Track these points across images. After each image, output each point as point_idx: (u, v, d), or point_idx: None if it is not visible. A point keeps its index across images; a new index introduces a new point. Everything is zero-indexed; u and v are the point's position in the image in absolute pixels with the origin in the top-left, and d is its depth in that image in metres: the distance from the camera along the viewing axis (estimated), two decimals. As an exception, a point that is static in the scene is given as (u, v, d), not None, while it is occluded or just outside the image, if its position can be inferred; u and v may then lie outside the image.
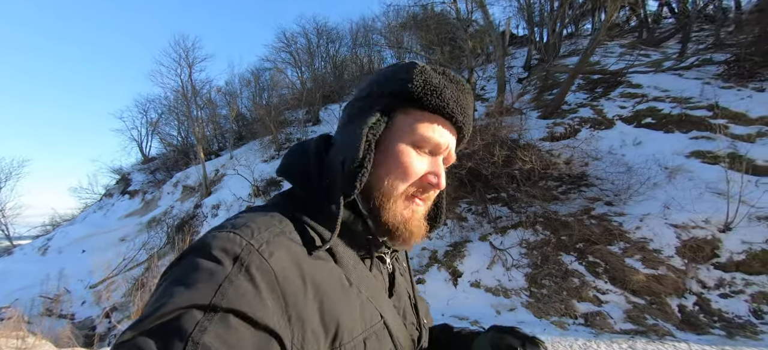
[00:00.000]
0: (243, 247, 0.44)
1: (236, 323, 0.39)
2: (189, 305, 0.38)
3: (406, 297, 0.68)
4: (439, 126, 0.57)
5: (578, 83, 9.33)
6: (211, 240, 0.45)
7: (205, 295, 0.39)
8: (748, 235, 4.39)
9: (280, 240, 0.48)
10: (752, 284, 4.12)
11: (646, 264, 4.42)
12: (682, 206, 4.93)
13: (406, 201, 0.58)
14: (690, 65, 8.31)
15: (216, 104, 18.10)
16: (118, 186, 17.27)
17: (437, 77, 0.57)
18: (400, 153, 0.56)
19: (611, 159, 6.34)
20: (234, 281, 0.41)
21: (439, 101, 0.55)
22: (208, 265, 0.42)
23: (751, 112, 6.17)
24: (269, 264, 0.44)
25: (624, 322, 4.09)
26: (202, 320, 0.38)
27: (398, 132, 0.57)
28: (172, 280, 0.42)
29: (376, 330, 0.54)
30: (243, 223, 0.48)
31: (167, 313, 0.37)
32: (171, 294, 0.39)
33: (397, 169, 0.56)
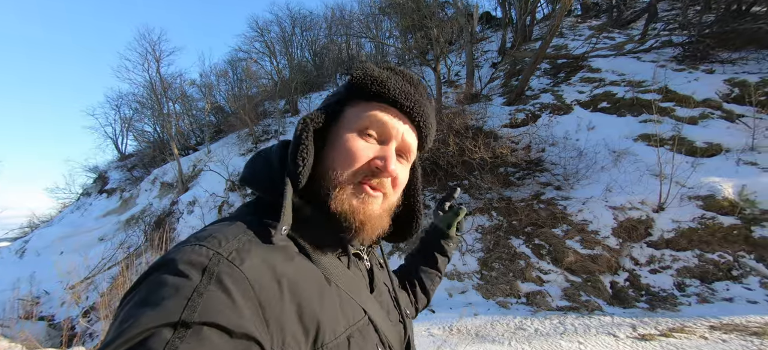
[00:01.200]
0: (210, 257, 0.43)
1: (212, 335, 0.37)
2: (156, 325, 0.36)
3: (387, 292, 0.68)
4: (384, 113, 0.58)
5: (544, 68, 9.49)
6: (175, 255, 0.43)
7: (173, 312, 0.37)
8: (678, 214, 4.70)
9: (250, 246, 0.47)
10: (678, 260, 4.44)
11: (584, 244, 4.70)
12: (623, 188, 5.21)
13: (355, 189, 0.57)
14: (649, 48, 8.52)
15: (192, 98, 17.82)
16: (96, 185, 17.01)
17: (378, 70, 0.59)
18: (345, 140, 0.57)
19: (566, 144, 6.57)
20: (204, 292, 0.39)
21: (380, 88, 0.57)
22: (173, 280, 0.40)
23: (696, 95, 6.43)
24: (241, 271, 0.43)
25: (561, 300, 4.39)
26: (172, 339, 0.36)
27: (345, 122, 0.59)
28: (136, 302, 0.40)
29: (359, 326, 0.54)
30: (208, 235, 0.47)
31: (132, 337, 0.35)
32: (135, 316, 0.37)
33: (341, 155, 0.57)
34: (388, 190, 0.60)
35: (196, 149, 16.62)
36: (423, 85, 0.63)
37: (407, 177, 0.65)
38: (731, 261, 4.25)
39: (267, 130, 15.33)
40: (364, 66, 0.59)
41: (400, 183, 0.62)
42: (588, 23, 12.87)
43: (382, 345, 0.57)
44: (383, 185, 0.59)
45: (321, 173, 0.57)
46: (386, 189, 0.59)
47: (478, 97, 9.13)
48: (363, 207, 0.56)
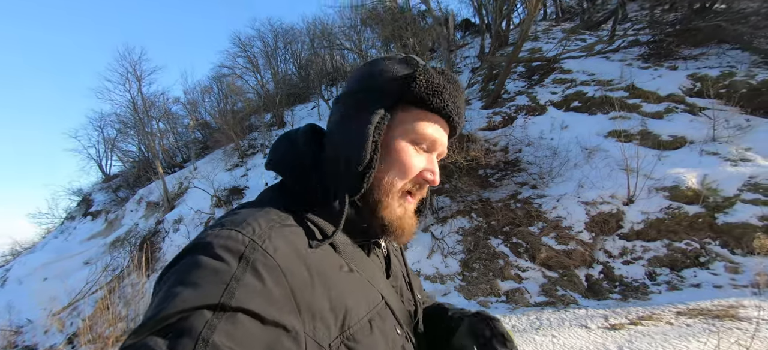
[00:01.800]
0: (247, 245, 0.44)
1: (245, 321, 0.39)
2: (198, 305, 0.38)
3: (401, 277, 0.70)
4: (438, 125, 0.59)
5: (520, 71, 9.76)
6: (213, 238, 0.44)
7: (213, 295, 0.39)
8: (646, 206, 4.88)
9: (281, 234, 0.48)
10: (649, 250, 4.61)
11: (559, 240, 4.84)
12: (594, 184, 5.39)
13: (401, 198, 0.59)
14: (617, 48, 8.86)
15: (177, 115, 17.73)
16: (80, 208, 16.69)
17: (438, 77, 0.58)
18: (401, 150, 0.57)
19: (540, 144, 6.76)
20: (241, 279, 0.41)
21: (440, 102, 0.57)
22: (213, 264, 0.41)
23: (661, 91, 6.72)
24: (274, 259, 0.45)
25: (538, 295, 4.50)
26: (212, 319, 0.37)
27: (398, 129, 0.57)
28: (176, 280, 0.41)
29: (378, 310, 0.56)
30: (242, 220, 0.48)
31: (175, 314, 0.37)
32: (177, 295, 0.39)
33: (396, 166, 0.57)
34: (423, 194, 0.63)
35: (182, 166, 16.48)
36: (462, 86, 0.64)
37: None
38: (698, 248, 4.42)
39: (253, 144, 15.33)
40: (427, 74, 0.57)
41: None
42: (561, 26, 13.30)
43: (399, 326, 0.59)
44: (423, 193, 0.62)
45: (372, 179, 0.56)
46: (423, 194, 0.63)
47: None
48: (405, 214, 0.60)
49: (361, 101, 0.58)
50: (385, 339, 0.54)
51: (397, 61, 0.61)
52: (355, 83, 0.61)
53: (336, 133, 0.60)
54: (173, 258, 0.45)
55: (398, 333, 0.58)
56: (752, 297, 3.62)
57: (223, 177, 12.33)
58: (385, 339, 0.54)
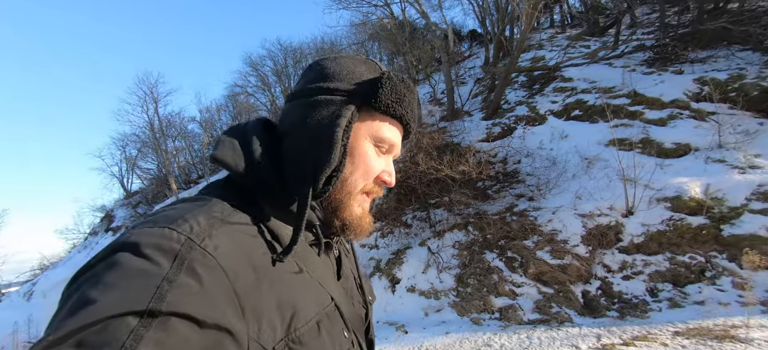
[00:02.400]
0: (182, 243, 0.40)
1: (179, 326, 0.35)
2: (121, 312, 0.33)
3: (352, 278, 0.69)
4: (395, 128, 0.61)
5: (521, 80, 9.66)
6: (141, 237, 0.40)
7: (139, 299, 0.34)
8: (647, 218, 4.67)
9: (224, 231, 0.44)
10: (650, 264, 4.39)
11: (554, 254, 4.69)
12: (592, 195, 5.22)
13: (361, 198, 0.60)
14: (621, 53, 8.65)
15: (193, 133, 18.48)
16: (102, 224, 17.46)
17: (400, 85, 0.59)
18: (364, 153, 0.58)
19: (539, 154, 6.63)
20: (174, 281, 0.37)
21: (402, 110, 0.59)
22: (139, 264, 0.37)
23: (664, 96, 6.48)
24: (215, 258, 0.41)
25: (532, 312, 4.35)
26: (137, 327, 0.33)
27: (362, 132, 0.58)
28: (93, 283, 0.36)
29: (328, 312, 0.54)
30: (178, 216, 0.43)
31: (93, 322, 0.32)
32: (93, 301, 0.34)
33: (361, 168, 0.58)
34: (379, 194, 0.63)
35: (198, 182, 17.09)
36: (417, 91, 0.73)
37: None
38: (703, 262, 4.18)
39: (263, 159, 15.75)
40: (392, 81, 0.58)
41: None
42: (567, 33, 13.12)
43: (347, 329, 0.57)
44: (380, 192, 0.62)
45: (332, 175, 0.56)
46: (379, 194, 0.63)
47: (459, 114, 9.30)
48: (363, 214, 0.60)
49: (324, 101, 0.57)
50: (333, 343, 0.52)
51: (362, 62, 0.61)
52: (316, 81, 0.59)
53: (298, 131, 0.57)
54: (89, 260, 0.39)
55: (345, 336, 0.56)
56: (761, 316, 3.37)
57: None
58: (333, 343, 0.52)
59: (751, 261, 3.20)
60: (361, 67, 0.60)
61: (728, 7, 8.81)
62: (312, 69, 0.61)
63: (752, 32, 6.77)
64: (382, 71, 0.60)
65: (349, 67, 0.59)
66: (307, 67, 0.63)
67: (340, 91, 0.57)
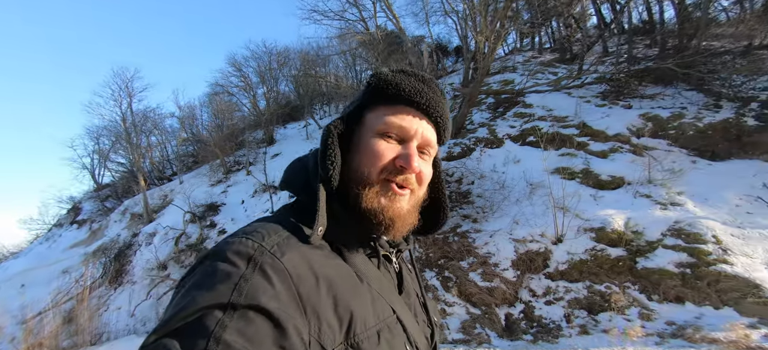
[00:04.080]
0: (255, 249, 0.48)
1: (255, 317, 0.41)
2: (210, 305, 0.41)
3: (415, 296, 0.71)
4: (403, 114, 0.62)
5: (489, 102, 9.97)
6: (225, 246, 0.49)
7: (223, 295, 0.42)
8: (573, 247, 4.92)
9: (289, 242, 0.52)
10: (570, 291, 4.62)
11: (484, 277, 4.88)
12: (528, 221, 5.45)
13: (382, 187, 0.61)
14: (581, 84, 9.04)
15: (172, 129, 18.26)
16: (68, 216, 17.03)
17: (392, 74, 0.63)
18: (369, 142, 0.61)
19: (492, 177, 6.87)
20: (249, 279, 0.44)
21: (396, 90, 0.61)
22: (224, 268, 0.45)
23: (609, 130, 6.83)
24: (282, 262, 0.48)
25: (457, 332, 4.51)
26: (223, 318, 0.40)
27: (367, 127, 0.63)
28: (192, 285, 0.45)
29: (388, 323, 0.56)
30: (253, 230, 0.52)
31: (190, 314, 0.40)
32: (192, 297, 0.42)
33: (366, 156, 0.61)
34: (415, 187, 0.63)
35: (171, 179, 16.86)
36: (435, 82, 0.67)
37: (431, 172, 0.69)
38: (617, 292, 4.43)
39: (240, 160, 15.66)
40: (378, 72, 0.63)
41: (425, 179, 0.65)
42: (541, 58, 13.59)
43: (409, 344, 0.58)
44: (409, 182, 0.62)
45: (351, 177, 0.61)
46: (413, 185, 0.63)
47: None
48: (391, 205, 0.60)
49: (348, 116, 0.66)
50: None
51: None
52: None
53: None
54: (190, 267, 0.50)
55: (407, 349, 0.58)
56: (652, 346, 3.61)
57: (199, 193, 12.56)
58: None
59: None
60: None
61: (689, 45, 9.34)
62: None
63: (694, 75, 7.21)
64: (376, 72, 0.64)
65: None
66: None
67: (354, 103, 0.67)
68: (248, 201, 11.99)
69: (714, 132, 6.41)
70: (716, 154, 6.30)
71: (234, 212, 11.47)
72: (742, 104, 6.86)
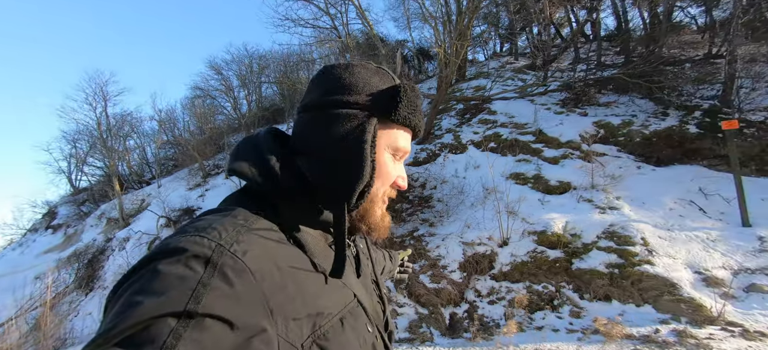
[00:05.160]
0: (213, 249, 0.43)
1: (214, 327, 0.38)
2: (161, 313, 0.36)
3: (370, 275, 0.74)
4: (406, 135, 0.64)
5: (459, 108, 10.27)
6: (176, 244, 0.43)
7: (178, 302, 0.38)
8: (517, 249, 5.19)
9: (249, 237, 0.48)
10: (512, 291, 4.88)
11: (433, 279, 5.11)
12: (479, 224, 5.71)
13: (381, 204, 0.64)
14: (545, 91, 9.40)
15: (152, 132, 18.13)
16: (44, 220, 16.76)
17: (413, 95, 0.62)
18: (385, 163, 0.61)
19: (453, 182, 7.13)
20: (208, 284, 0.40)
21: (416, 120, 0.63)
22: (177, 270, 0.40)
23: (563, 137, 7.16)
24: (244, 262, 0.44)
25: (404, 332, 4.73)
26: (177, 327, 0.36)
27: (382, 142, 0.61)
28: (138, 289, 0.39)
29: (351, 308, 0.57)
30: (207, 225, 0.47)
31: (136, 323, 0.36)
32: (137, 304, 0.37)
33: (382, 177, 0.61)
34: (393, 196, 0.67)
35: (149, 183, 16.75)
36: (421, 94, 0.70)
37: None
38: (553, 291, 4.71)
39: (219, 164, 15.66)
40: (407, 94, 0.60)
41: None
42: (514, 64, 13.98)
43: (370, 323, 0.61)
44: (393, 193, 0.66)
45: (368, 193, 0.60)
46: (393, 195, 0.67)
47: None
48: (384, 215, 0.65)
49: (345, 115, 0.58)
50: (357, 337, 0.56)
51: (374, 72, 0.62)
52: (334, 93, 0.60)
53: (322, 146, 0.59)
54: (131, 268, 0.44)
55: (369, 331, 0.59)
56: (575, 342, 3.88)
57: (176, 197, 12.55)
58: (357, 337, 0.56)
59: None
60: (375, 77, 0.62)
61: (653, 53, 9.77)
62: (326, 79, 0.62)
63: (643, 85, 7.61)
64: (396, 82, 0.62)
65: (365, 77, 0.61)
66: (319, 76, 0.64)
67: (359, 105, 0.59)
68: (225, 205, 12.06)
69: (658, 139, 6.79)
70: (661, 160, 6.69)
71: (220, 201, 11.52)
72: (687, 113, 7.28)
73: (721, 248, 4.69)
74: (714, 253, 4.61)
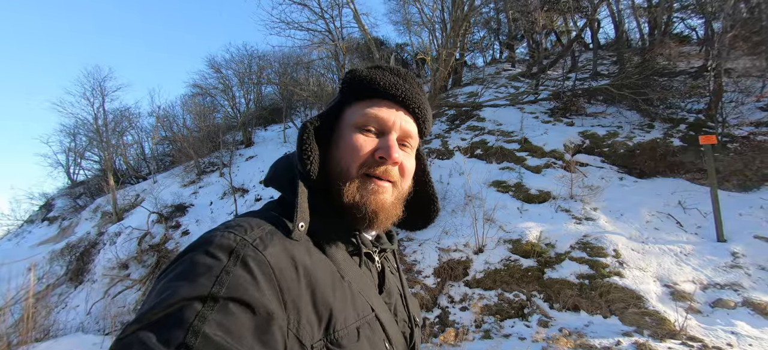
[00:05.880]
0: (237, 242, 0.48)
1: (235, 309, 0.41)
2: (189, 297, 0.41)
3: (397, 295, 0.71)
4: (379, 106, 0.63)
5: (450, 114, 10.31)
6: (207, 239, 0.49)
7: (203, 287, 0.42)
8: (491, 257, 5.22)
9: (272, 237, 0.52)
10: (484, 298, 4.91)
11: (408, 283, 5.15)
12: (457, 231, 5.75)
13: (362, 181, 0.61)
14: (535, 100, 9.43)
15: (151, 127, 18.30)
16: (41, 212, 16.92)
17: (366, 70, 0.64)
18: (346, 137, 0.63)
19: (437, 188, 7.16)
20: (231, 271, 0.44)
21: (370, 84, 0.62)
22: (205, 260, 0.45)
23: (547, 146, 7.19)
24: (264, 255, 0.48)
25: (375, 336, 4.77)
26: (202, 310, 0.40)
27: (346, 122, 0.64)
28: (172, 277, 0.45)
29: (368, 320, 0.57)
30: (236, 224, 0.52)
31: (168, 306, 0.40)
32: (171, 289, 0.42)
33: (345, 151, 0.62)
34: (397, 179, 0.64)
35: (146, 178, 16.87)
36: (412, 76, 0.68)
37: (414, 164, 0.70)
38: (524, 300, 4.73)
39: (214, 162, 15.78)
40: (353, 70, 0.65)
41: (408, 170, 0.66)
42: (510, 71, 14.03)
43: (389, 342, 0.60)
44: (390, 174, 0.63)
45: (333, 172, 0.62)
46: (395, 178, 0.64)
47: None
48: (374, 198, 0.61)
49: (330, 111, 0.68)
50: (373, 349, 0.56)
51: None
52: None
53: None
54: (171, 259, 0.50)
55: (386, 348, 0.59)
56: (539, 351, 3.90)
57: (168, 194, 12.66)
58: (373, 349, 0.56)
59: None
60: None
61: (649, 64, 9.77)
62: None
63: (627, 96, 7.63)
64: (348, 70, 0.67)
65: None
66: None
67: (336, 100, 0.68)
68: (217, 202, 12.12)
69: (642, 151, 6.81)
70: (643, 172, 6.70)
71: (201, 213, 11.59)
72: (672, 125, 7.30)
73: (693, 262, 4.70)
74: (685, 267, 4.62)
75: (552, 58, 11.84)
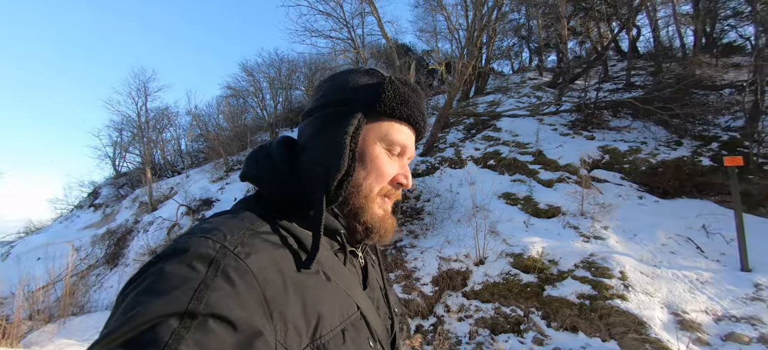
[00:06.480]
0: (217, 250, 0.44)
1: (215, 327, 0.38)
2: (163, 314, 0.37)
3: (378, 289, 0.72)
4: (406, 130, 0.64)
5: (468, 123, 10.25)
6: (182, 245, 0.44)
7: (180, 302, 0.38)
8: (491, 269, 5.16)
9: (254, 241, 0.48)
10: (480, 310, 4.87)
11: (405, 290, 5.21)
12: (460, 241, 5.73)
13: (380, 201, 0.63)
14: (556, 111, 9.16)
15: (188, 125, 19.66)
16: (89, 199, 18.60)
17: (403, 88, 0.62)
18: (376, 157, 0.61)
19: (446, 197, 7.17)
20: (210, 284, 0.40)
21: (408, 111, 0.62)
22: (180, 271, 0.41)
23: (562, 160, 6.97)
24: (246, 264, 0.44)
25: (369, 338, 4.87)
26: (179, 328, 0.36)
27: (371, 137, 0.61)
28: (142, 290, 0.40)
29: (353, 320, 0.56)
30: (213, 227, 0.48)
31: (139, 324, 0.36)
32: (142, 304, 0.37)
33: (374, 172, 0.60)
34: (398, 196, 0.66)
35: (180, 173, 18.10)
36: (422, 92, 0.69)
37: None
38: (521, 316, 4.64)
39: (241, 160, 16.65)
40: (394, 85, 0.62)
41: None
42: (536, 81, 13.67)
43: (372, 339, 0.59)
44: (397, 195, 0.65)
45: (346, 184, 0.58)
46: (398, 196, 0.66)
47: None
48: (385, 216, 0.63)
49: (332, 113, 0.61)
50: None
51: (362, 73, 0.65)
52: (325, 97, 0.64)
53: (312, 143, 0.62)
54: (138, 270, 0.44)
55: (371, 346, 0.58)
56: (529, 370, 3.83)
57: (198, 188, 13.49)
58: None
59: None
60: (362, 77, 0.64)
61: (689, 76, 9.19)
62: (320, 88, 0.67)
63: (654, 111, 7.23)
64: (384, 76, 0.64)
65: (352, 78, 0.64)
66: (316, 87, 0.68)
67: (344, 101, 0.62)
68: (240, 198, 12.80)
69: (665, 169, 6.43)
70: (667, 192, 6.32)
71: (224, 208, 12.27)
72: (703, 143, 6.83)
73: (709, 291, 4.40)
74: (699, 296, 4.34)
75: (581, 68, 11.41)
